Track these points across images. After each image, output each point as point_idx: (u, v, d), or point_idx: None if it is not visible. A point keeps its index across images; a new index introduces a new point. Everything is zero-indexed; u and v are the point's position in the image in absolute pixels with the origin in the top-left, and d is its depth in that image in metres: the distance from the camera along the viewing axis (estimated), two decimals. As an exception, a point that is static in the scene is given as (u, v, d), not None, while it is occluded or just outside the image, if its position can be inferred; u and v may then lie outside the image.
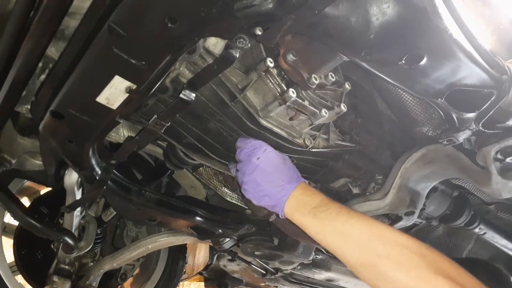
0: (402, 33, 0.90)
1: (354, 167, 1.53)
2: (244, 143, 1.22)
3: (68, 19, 0.92)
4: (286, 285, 2.80)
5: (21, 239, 1.98)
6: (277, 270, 2.52)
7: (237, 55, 0.88)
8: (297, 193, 1.16)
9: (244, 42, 0.85)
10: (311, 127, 1.26)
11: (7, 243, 2.03)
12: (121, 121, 1.00)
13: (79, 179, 1.35)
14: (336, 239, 1.07)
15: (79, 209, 1.54)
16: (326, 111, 1.19)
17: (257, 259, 2.31)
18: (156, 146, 1.52)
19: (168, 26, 0.74)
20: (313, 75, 1.09)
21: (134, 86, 0.88)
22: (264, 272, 2.57)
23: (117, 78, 0.85)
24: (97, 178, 1.22)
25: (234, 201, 1.65)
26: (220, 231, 1.60)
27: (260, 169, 1.17)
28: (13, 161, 1.48)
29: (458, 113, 1.13)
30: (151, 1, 0.72)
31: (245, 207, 1.61)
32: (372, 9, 0.86)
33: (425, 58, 0.94)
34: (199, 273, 2.80)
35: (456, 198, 1.71)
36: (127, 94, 0.89)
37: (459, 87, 1.04)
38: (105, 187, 1.26)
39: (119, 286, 2.25)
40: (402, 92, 1.25)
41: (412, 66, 0.96)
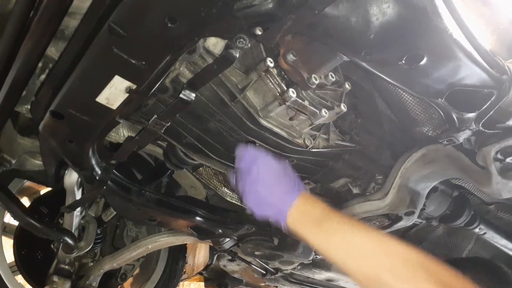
0: (402, 33, 0.90)
1: (354, 167, 1.53)
2: (244, 152, 1.20)
3: (68, 19, 0.92)
4: (286, 285, 2.80)
5: (21, 239, 1.98)
6: (277, 270, 2.51)
7: (237, 55, 0.88)
8: (299, 203, 1.13)
9: (244, 42, 0.85)
10: (311, 127, 1.26)
11: (7, 243, 2.03)
12: (121, 121, 1.00)
13: (79, 179, 1.35)
14: (339, 251, 1.06)
15: (79, 209, 1.54)
16: (326, 111, 1.19)
17: (257, 259, 2.30)
18: (156, 146, 1.52)
19: (168, 26, 0.74)
20: (313, 75, 1.09)
21: (134, 86, 0.88)
22: (264, 272, 2.57)
23: (117, 78, 0.85)
24: (97, 178, 1.22)
25: (234, 201, 1.65)
26: (220, 231, 1.60)
27: (260, 179, 1.15)
28: (13, 161, 1.48)
29: (458, 113, 1.13)
30: (151, 1, 0.72)
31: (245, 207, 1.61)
32: (372, 9, 0.86)
33: (425, 58, 0.94)
34: (199, 273, 2.80)
35: (456, 198, 1.71)
36: (127, 94, 0.89)
37: (459, 87, 1.04)
38: (105, 187, 1.26)
39: (119, 286, 2.25)
40: (402, 92, 1.25)
41: (412, 66, 0.96)
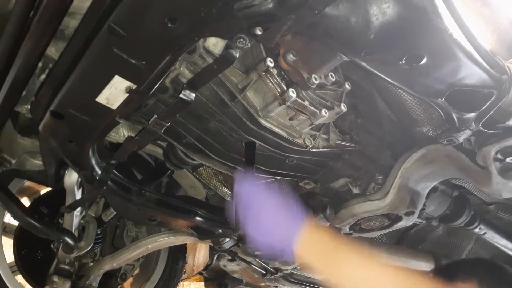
0: (402, 33, 0.90)
1: (354, 167, 1.52)
2: (244, 182, 1.17)
3: (68, 19, 0.92)
4: (286, 285, 2.80)
5: (21, 239, 1.98)
6: (277, 270, 2.51)
7: (237, 55, 0.88)
8: (305, 233, 1.10)
9: (244, 42, 0.85)
10: (311, 127, 1.26)
11: (7, 243, 2.03)
12: (121, 121, 1.00)
13: (79, 179, 1.35)
14: (349, 281, 1.06)
15: (79, 209, 1.54)
16: (326, 111, 1.19)
17: (257, 259, 2.30)
18: (156, 146, 1.52)
19: (168, 26, 0.74)
20: (313, 75, 1.09)
21: (134, 86, 0.87)
22: (264, 272, 2.57)
23: (117, 78, 0.85)
24: (97, 178, 1.22)
25: (234, 201, 1.65)
26: (220, 231, 1.60)
27: (264, 212, 1.12)
28: (13, 161, 1.48)
29: (458, 113, 1.13)
30: (151, 1, 0.72)
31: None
32: (372, 9, 0.86)
33: (425, 58, 0.94)
34: (199, 273, 2.80)
35: (456, 198, 1.71)
36: (127, 94, 0.89)
37: (459, 87, 1.04)
38: (105, 187, 1.26)
39: (119, 286, 2.25)
40: (402, 92, 1.25)
41: (412, 66, 0.96)
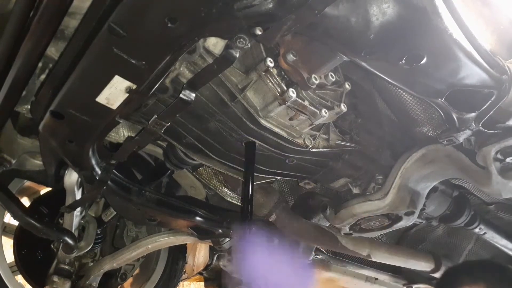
0: (402, 33, 0.90)
1: (354, 167, 1.52)
2: (244, 236, 1.14)
3: (68, 19, 0.92)
4: (286, 285, 2.80)
5: (21, 239, 1.97)
6: (277, 270, 2.51)
7: (237, 55, 0.88)
8: None
9: (244, 42, 0.85)
10: (311, 127, 1.26)
11: (7, 243, 2.03)
12: (121, 121, 1.00)
13: (79, 179, 1.35)
14: None
15: (79, 209, 1.54)
16: (326, 111, 1.19)
17: (257, 259, 2.30)
18: (156, 146, 1.52)
19: (168, 26, 0.74)
20: (313, 75, 1.09)
21: (134, 86, 0.88)
22: (264, 272, 2.56)
23: (117, 78, 0.85)
24: (97, 178, 1.22)
25: (234, 201, 1.65)
26: (220, 231, 1.60)
27: (265, 268, 1.08)
28: (13, 161, 1.48)
29: (458, 113, 1.13)
30: (151, 1, 0.72)
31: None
32: (372, 9, 0.86)
33: (425, 58, 0.94)
34: (199, 273, 2.79)
35: (456, 198, 1.71)
36: (127, 94, 0.89)
37: (459, 87, 1.04)
38: (105, 187, 1.26)
39: (119, 286, 2.25)
40: (402, 92, 1.25)
41: (412, 66, 0.96)
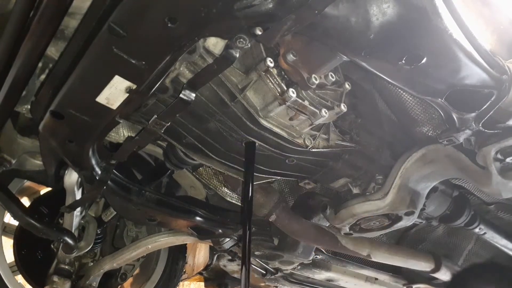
0: (402, 33, 0.90)
1: (354, 167, 1.52)
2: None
3: (68, 19, 0.92)
4: (286, 285, 2.80)
5: (21, 239, 1.98)
6: (277, 270, 2.51)
7: (237, 55, 0.88)
8: None
9: (244, 42, 0.85)
10: (311, 127, 1.26)
11: (7, 243, 2.03)
12: (121, 121, 1.00)
13: (79, 179, 1.35)
14: None
15: (79, 209, 1.54)
16: (326, 111, 1.19)
17: (257, 259, 2.30)
18: (156, 146, 1.52)
19: (168, 26, 0.74)
20: (313, 75, 1.09)
21: (134, 86, 0.88)
22: (264, 272, 2.57)
23: (117, 78, 0.85)
24: (97, 178, 1.22)
25: (234, 201, 1.65)
26: (220, 231, 1.60)
27: None
28: (13, 161, 1.48)
29: (458, 113, 1.13)
30: (151, 1, 0.72)
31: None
32: (372, 9, 0.86)
33: (425, 58, 0.94)
34: (199, 273, 2.80)
35: (456, 198, 1.71)
36: (127, 94, 0.89)
37: (459, 87, 1.04)
38: (105, 187, 1.26)
39: (119, 286, 2.25)
40: (402, 92, 1.25)
41: (412, 66, 0.96)
